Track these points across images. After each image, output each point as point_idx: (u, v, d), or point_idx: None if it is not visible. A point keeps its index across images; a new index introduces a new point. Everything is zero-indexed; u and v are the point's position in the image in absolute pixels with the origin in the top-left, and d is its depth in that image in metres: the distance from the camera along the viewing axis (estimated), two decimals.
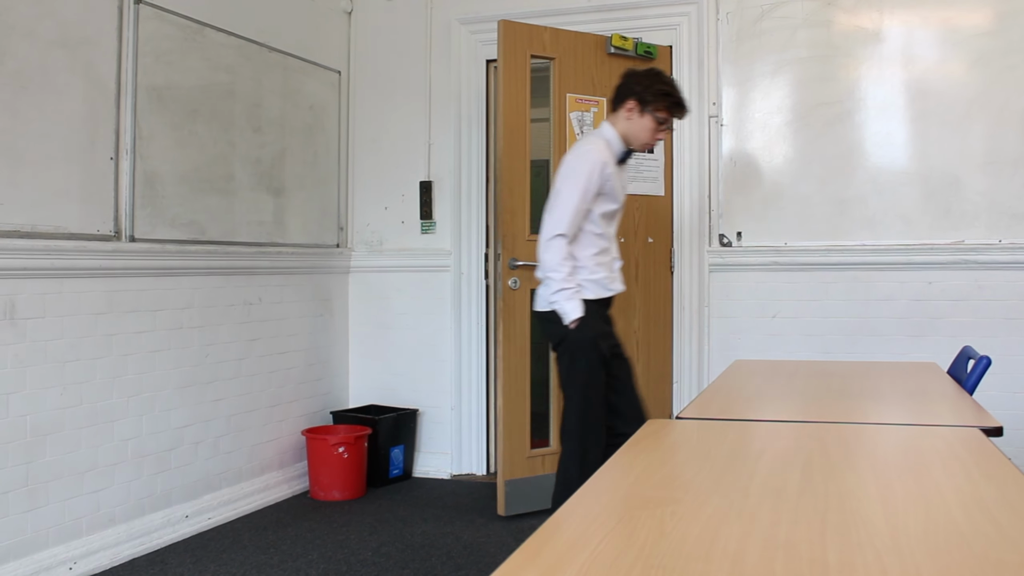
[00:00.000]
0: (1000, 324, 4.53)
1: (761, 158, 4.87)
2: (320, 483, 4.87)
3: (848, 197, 4.73)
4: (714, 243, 4.92)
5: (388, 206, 5.46)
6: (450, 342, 5.35)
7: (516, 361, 4.65)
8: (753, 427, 2.13)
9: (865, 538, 1.25)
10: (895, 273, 4.66)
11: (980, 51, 4.58)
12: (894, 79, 4.72)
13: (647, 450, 1.84)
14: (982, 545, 1.23)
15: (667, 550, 1.20)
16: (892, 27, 4.71)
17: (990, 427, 2.10)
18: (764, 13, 4.85)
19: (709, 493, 1.49)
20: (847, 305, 4.73)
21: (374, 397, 5.48)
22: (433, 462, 5.39)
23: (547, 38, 4.74)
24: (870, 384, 2.99)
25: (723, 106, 4.91)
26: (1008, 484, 1.56)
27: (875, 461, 1.77)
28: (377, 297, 5.49)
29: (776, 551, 1.20)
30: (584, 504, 1.42)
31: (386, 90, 5.48)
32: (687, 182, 4.96)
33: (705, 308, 4.93)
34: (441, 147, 5.36)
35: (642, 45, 4.91)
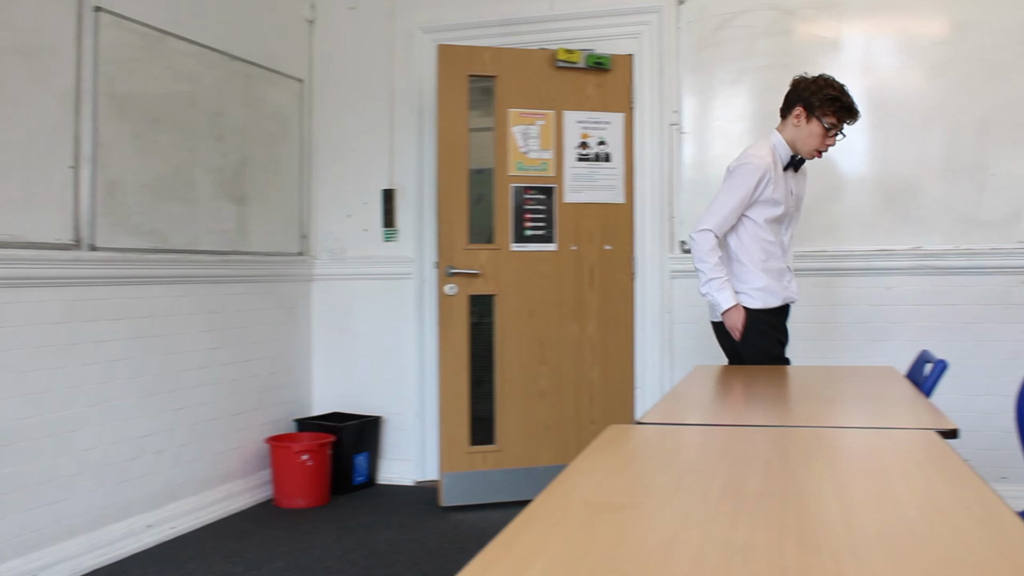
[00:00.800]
0: (957, 328, 4.61)
1: (722, 166, 4.86)
2: (284, 491, 4.85)
3: (807, 204, 4.76)
4: (676, 250, 4.96)
5: (351, 214, 5.46)
6: (413, 349, 5.35)
7: (454, 362, 4.89)
8: (714, 431, 2.15)
9: (823, 540, 1.26)
10: (854, 278, 4.72)
11: (937, 60, 4.66)
12: (853, 87, 4.71)
13: (608, 455, 1.85)
14: (937, 545, 1.25)
15: (627, 555, 1.21)
16: (851, 36, 4.77)
17: (946, 429, 2.13)
18: (725, 22, 4.90)
19: (669, 497, 1.51)
20: (807, 310, 4.77)
21: (338, 404, 5.47)
22: (397, 469, 5.39)
23: (488, 57, 4.91)
24: (829, 388, 3.03)
25: (684, 114, 4.95)
26: (963, 485, 1.58)
27: (833, 464, 1.79)
28: (340, 305, 5.48)
29: (735, 554, 1.21)
30: (544, 510, 1.43)
31: (349, 98, 5.48)
32: (648, 190, 5.00)
33: (667, 314, 4.97)
34: (404, 155, 5.37)
35: (592, 56, 4.94)
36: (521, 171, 4.97)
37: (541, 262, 4.98)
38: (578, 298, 5.02)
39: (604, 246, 5.02)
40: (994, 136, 4.59)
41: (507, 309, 4.95)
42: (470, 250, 4.92)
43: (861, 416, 2.55)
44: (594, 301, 5.01)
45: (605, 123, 5.02)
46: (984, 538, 1.28)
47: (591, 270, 5.00)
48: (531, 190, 4.98)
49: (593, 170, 4.99)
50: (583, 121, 5.02)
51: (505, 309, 4.95)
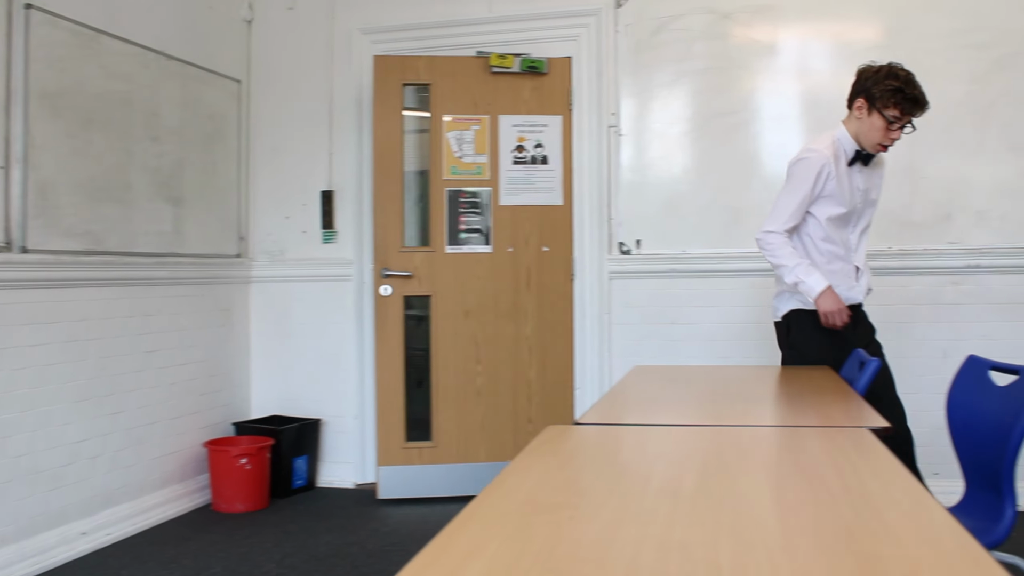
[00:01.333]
0: (890, 328, 4.68)
1: (660, 167, 4.96)
2: (222, 495, 4.80)
3: (744, 206, 4.85)
4: (614, 251, 4.99)
5: (289, 215, 5.41)
6: (353, 351, 5.32)
7: (390, 360, 5.08)
8: (651, 431, 2.17)
9: (757, 538, 1.28)
10: None
11: None
12: (789, 91, 4.85)
13: (546, 455, 1.86)
14: (870, 542, 1.27)
15: (563, 555, 1.22)
16: (786, 40, 4.84)
17: (879, 427, 2.17)
18: (662, 25, 4.95)
19: (606, 497, 1.52)
20: (744, 311, 4.84)
21: (277, 407, 5.43)
22: (337, 472, 5.36)
23: (422, 66, 5.05)
24: (765, 387, 3.07)
25: (622, 116, 4.99)
26: (895, 482, 1.61)
27: (768, 462, 1.82)
28: (279, 307, 5.43)
29: (671, 553, 1.22)
30: (482, 510, 1.43)
31: (287, 99, 5.43)
32: (586, 191, 5.03)
33: (606, 315, 5.00)
34: (343, 156, 5.34)
35: (526, 61, 4.98)
36: (455, 175, 5.09)
37: (476, 264, 5.08)
38: (515, 299, 5.07)
39: (542, 248, 5.06)
40: (923, 140, 4.67)
41: (443, 310, 5.08)
42: (405, 252, 5.08)
43: (796, 415, 2.58)
44: (531, 302, 5.07)
45: (542, 126, 5.06)
46: (915, 534, 1.31)
47: (528, 271, 5.06)
48: (466, 194, 5.08)
49: (530, 173, 5.04)
50: (519, 125, 5.07)
51: (441, 309, 5.08)
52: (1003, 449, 2.51)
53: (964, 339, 4.58)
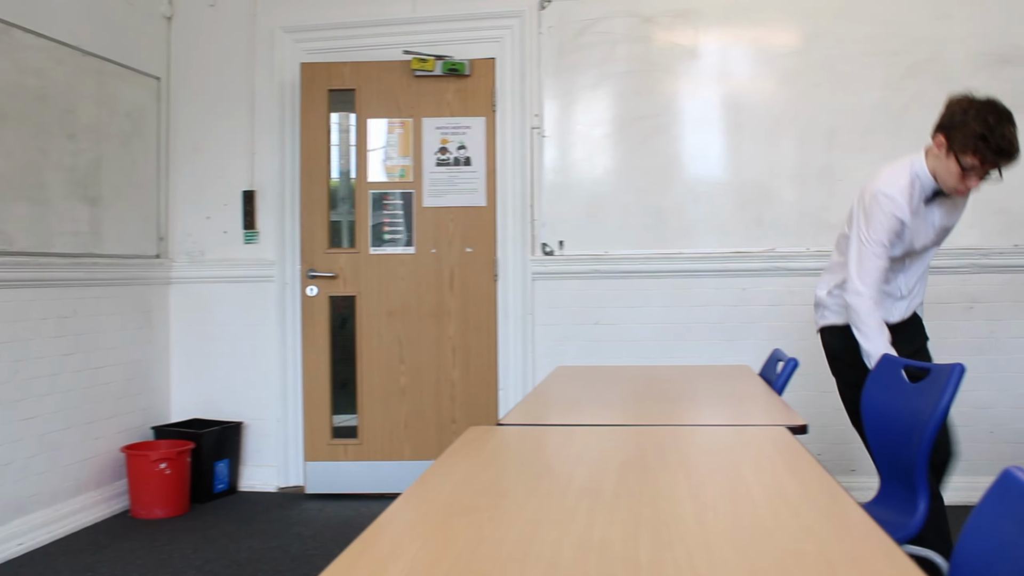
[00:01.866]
0: (808, 327, 4.75)
1: (583, 169, 4.99)
2: (141, 501, 4.70)
3: (666, 207, 4.90)
4: (537, 252, 5.01)
5: (210, 215, 5.33)
6: (275, 353, 5.26)
7: (316, 358, 5.18)
8: (573, 432, 2.18)
9: (676, 536, 1.29)
10: (711, 280, 4.86)
11: (788, 69, 4.83)
12: (709, 94, 4.92)
13: (467, 457, 1.86)
14: (785, 538, 1.29)
15: (484, 556, 1.22)
16: (707, 44, 4.91)
17: (796, 425, 2.21)
18: (585, 28, 4.98)
19: (527, 497, 1.52)
20: (666, 311, 4.89)
21: (198, 411, 5.34)
22: (259, 475, 5.29)
23: (347, 72, 5.14)
24: (687, 387, 3.10)
25: (545, 118, 5.01)
26: (810, 479, 1.64)
27: (688, 461, 1.84)
28: (199, 308, 5.35)
29: (591, 552, 1.23)
30: (403, 513, 1.43)
31: (208, 97, 5.35)
32: (509, 192, 5.05)
33: (529, 316, 5.02)
34: (264, 156, 5.27)
35: (447, 63, 4.99)
36: (379, 178, 5.16)
37: (400, 265, 5.15)
38: (438, 299, 5.11)
39: (465, 248, 5.08)
40: (840, 143, 4.79)
41: (367, 310, 5.15)
42: (330, 254, 5.14)
43: (716, 414, 2.62)
44: (455, 303, 5.10)
45: (465, 128, 5.07)
46: (829, 530, 1.33)
47: (451, 272, 5.10)
48: (389, 196, 5.14)
49: (453, 175, 5.06)
50: (442, 127, 5.10)
51: (365, 310, 5.15)
52: (915, 445, 2.58)
53: None
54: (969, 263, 4.68)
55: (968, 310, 4.72)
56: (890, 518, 2.57)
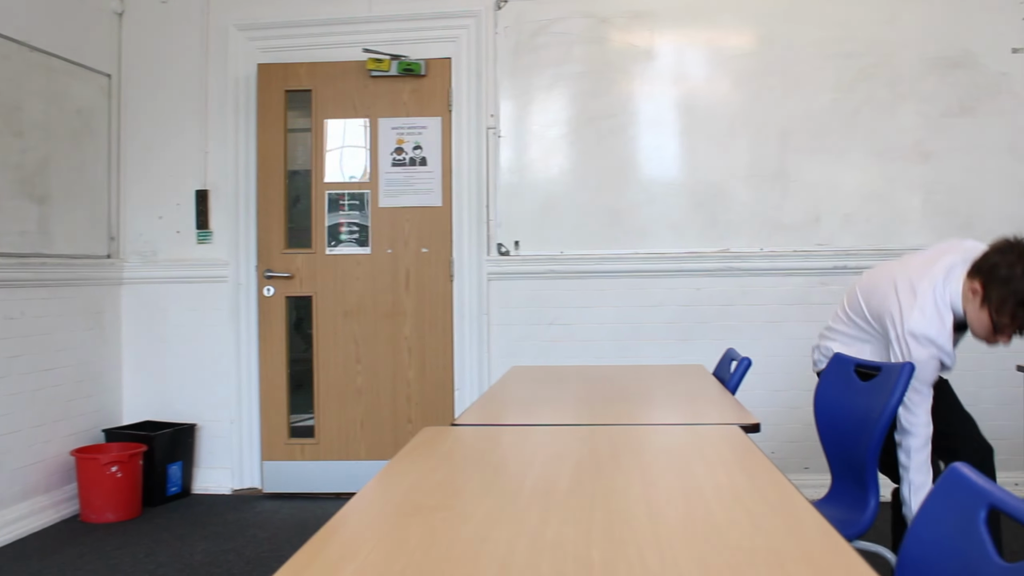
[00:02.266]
0: (762, 327, 4.82)
1: (538, 169, 5.00)
2: (91, 505, 4.64)
3: (621, 207, 4.92)
4: (492, 252, 5.01)
5: (163, 215, 5.27)
6: (229, 353, 5.21)
7: (273, 357, 5.20)
8: (528, 431, 2.18)
9: (628, 535, 1.30)
10: (666, 280, 4.88)
11: (742, 71, 4.87)
12: (664, 95, 4.94)
13: (422, 457, 1.85)
14: (736, 535, 1.30)
15: (437, 556, 1.21)
16: (663, 46, 4.93)
17: (749, 424, 2.22)
18: (541, 28, 4.98)
19: (481, 497, 1.52)
20: (620, 311, 4.91)
21: (150, 413, 5.27)
22: (213, 477, 5.24)
23: (303, 72, 5.18)
24: (641, 387, 3.11)
25: (501, 118, 5.01)
26: (761, 477, 1.65)
27: (641, 460, 1.84)
28: (151, 309, 5.28)
29: (543, 551, 1.23)
30: (356, 513, 1.42)
31: (160, 95, 5.28)
32: (465, 192, 5.04)
33: (485, 316, 5.01)
34: (218, 155, 5.22)
35: (403, 63, 4.99)
36: (336, 179, 5.15)
37: (356, 265, 5.15)
38: (394, 299, 5.11)
39: (421, 249, 5.08)
40: (794, 145, 4.84)
41: (324, 310, 5.16)
42: (287, 254, 5.15)
43: (669, 413, 2.63)
44: (411, 303, 5.10)
45: (421, 128, 5.07)
46: (780, 527, 1.34)
47: (407, 272, 5.11)
48: (346, 196, 5.15)
49: (409, 175, 5.06)
50: (398, 127, 5.09)
51: (322, 310, 5.16)
52: (866, 443, 2.60)
53: None
54: None
55: None
56: (841, 515, 2.60)
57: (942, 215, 4.75)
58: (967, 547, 1.30)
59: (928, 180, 4.76)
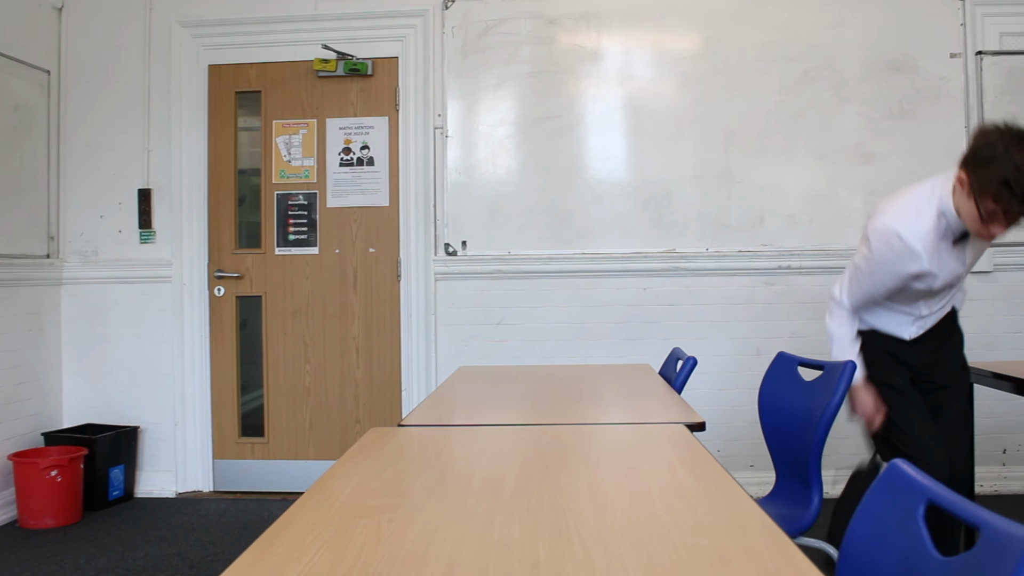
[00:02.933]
0: (707, 326, 4.86)
1: (486, 169, 4.99)
2: (30, 510, 4.55)
3: (568, 207, 4.93)
4: (440, 252, 5.00)
5: (104, 214, 5.18)
6: (173, 355, 5.14)
7: (224, 357, 5.21)
8: (474, 432, 2.18)
9: (574, 534, 1.30)
10: (613, 280, 4.90)
11: (688, 73, 4.91)
12: (611, 96, 4.96)
13: (368, 458, 1.84)
14: (680, 532, 1.31)
15: (383, 557, 1.21)
16: (610, 47, 4.95)
17: (694, 423, 2.24)
18: (488, 28, 4.98)
19: (427, 498, 1.52)
20: (568, 311, 4.92)
21: (92, 415, 5.19)
22: (157, 481, 5.16)
23: (253, 74, 5.21)
24: (588, 386, 3.12)
25: (448, 118, 4.99)
26: (706, 475, 1.67)
27: (588, 460, 1.84)
28: (93, 310, 5.19)
29: (490, 551, 1.23)
30: (302, 515, 1.41)
31: (101, 92, 5.20)
32: (413, 192, 5.02)
33: (432, 316, 5.00)
34: (161, 154, 5.15)
35: (349, 63, 4.98)
36: (284, 179, 5.16)
37: (304, 265, 5.15)
38: (342, 299, 5.11)
39: (369, 248, 5.07)
40: (739, 146, 4.88)
41: (273, 309, 5.17)
42: (237, 254, 5.19)
43: (616, 413, 2.64)
44: (359, 302, 5.10)
45: (368, 127, 5.06)
46: (724, 524, 1.35)
47: (355, 272, 5.11)
48: (294, 196, 5.15)
49: (356, 175, 5.05)
50: (346, 127, 5.09)
51: (271, 309, 5.16)
52: (810, 440, 2.63)
53: (776, 336, 4.80)
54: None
55: None
56: (785, 512, 2.63)
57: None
58: (906, 542, 1.32)
59: (869, 181, 4.83)
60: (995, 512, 1.15)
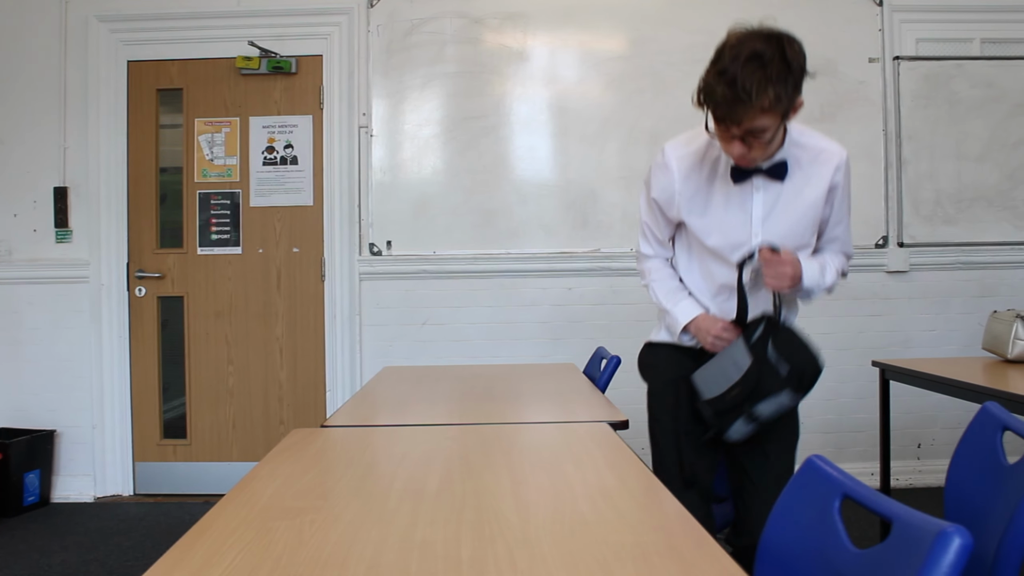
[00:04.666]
0: (631, 326, 4.90)
1: (411, 169, 4.98)
2: None
3: (494, 207, 4.94)
4: (364, 252, 4.97)
5: (18, 213, 5.05)
6: (91, 357, 5.04)
7: (144, 358, 5.13)
8: (397, 432, 2.18)
9: (497, 532, 1.31)
10: (538, 280, 4.92)
11: (613, 74, 4.95)
12: (537, 96, 4.98)
13: (290, 460, 1.83)
14: (603, 530, 1.32)
15: (304, 559, 1.20)
16: (536, 47, 4.97)
17: (617, 421, 2.26)
18: (414, 27, 4.97)
19: (350, 499, 1.51)
20: (493, 311, 4.93)
21: (5, 419, 5.05)
22: (74, 485, 5.05)
23: (175, 71, 5.14)
24: (513, 386, 3.14)
25: (373, 117, 4.97)
26: (629, 473, 1.68)
27: (512, 459, 1.85)
28: (6, 311, 5.06)
29: (412, 552, 1.23)
30: (222, 518, 1.39)
31: (14, 87, 5.06)
32: (337, 191, 4.99)
33: (357, 316, 4.97)
34: (78, 151, 5.03)
35: (272, 61, 4.95)
36: (207, 178, 5.10)
37: (227, 265, 5.09)
38: (266, 300, 5.07)
39: (292, 248, 5.03)
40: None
41: (195, 310, 5.11)
42: (159, 254, 5.13)
43: (541, 412, 2.66)
44: (282, 303, 5.06)
45: (292, 126, 5.01)
46: (647, 522, 1.37)
47: (278, 272, 5.07)
48: (217, 195, 5.09)
49: (280, 174, 5.01)
50: (269, 126, 5.04)
51: (193, 310, 5.11)
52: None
53: None
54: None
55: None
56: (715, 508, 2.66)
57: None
58: (823, 536, 1.35)
59: None
60: (908, 506, 1.18)
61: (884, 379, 3.58)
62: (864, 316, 4.98)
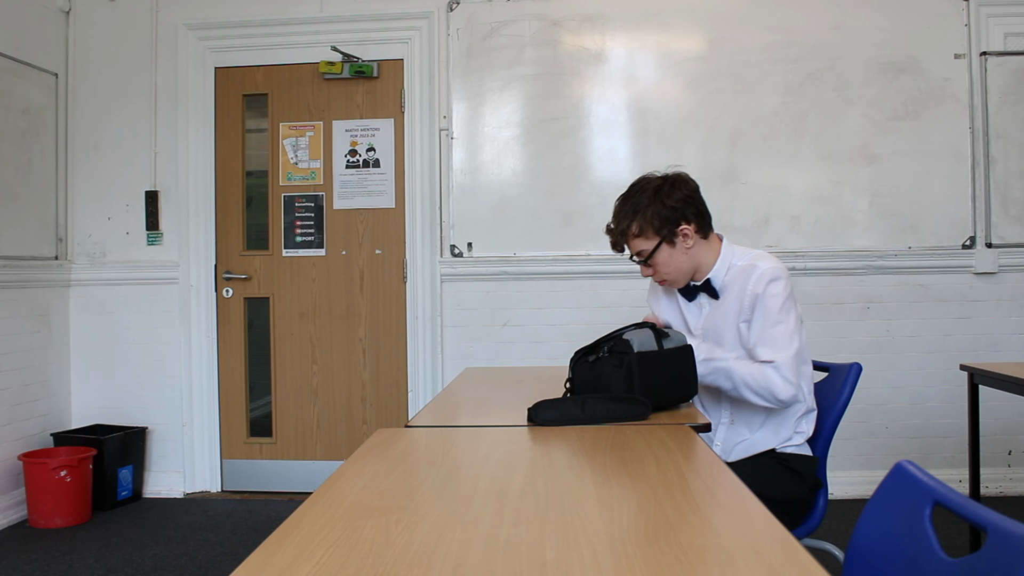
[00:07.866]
0: None
1: (491, 171, 5.01)
2: (40, 510, 4.58)
3: (574, 209, 4.95)
4: (446, 254, 5.01)
5: (112, 216, 5.21)
6: (180, 356, 5.17)
7: (232, 359, 5.27)
8: (481, 432, 2.19)
9: (581, 534, 1.31)
10: (618, 281, 4.91)
11: (692, 74, 4.91)
12: (616, 98, 4.97)
13: (375, 459, 1.86)
14: (688, 533, 1.31)
15: (391, 558, 1.22)
16: (614, 49, 4.96)
17: (699, 424, 2.25)
18: (493, 30, 5.00)
19: (434, 499, 1.53)
20: (573, 312, 4.93)
21: (100, 416, 5.21)
22: (165, 481, 5.19)
23: (260, 77, 5.26)
24: None
25: (454, 119, 5.01)
26: (712, 476, 1.67)
27: (594, 460, 1.85)
28: (101, 312, 5.22)
29: (497, 552, 1.24)
30: (309, 516, 1.42)
31: (109, 95, 5.22)
32: (418, 194, 5.04)
33: (438, 317, 5.02)
34: (168, 156, 5.18)
35: (354, 66, 5.02)
36: (291, 181, 5.20)
37: (311, 267, 5.18)
38: (348, 301, 5.14)
39: (375, 250, 5.09)
40: (743, 148, 4.89)
41: (280, 311, 5.21)
42: (245, 256, 5.27)
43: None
44: (365, 304, 5.12)
45: (374, 129, 5.08)
46: (730, 525, 1.37)
47: (361, 274, 5.13)
48: (301, 199, 5.19)
49: (362, 176, 5.08)
50: (352, 129, 5.12)
51: (279, 311, 5.21)
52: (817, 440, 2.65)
53: None
54: (866, 264, 4.82)
55: (865, 310, 4.86)
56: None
57: (887, 217, 4.82)
58: (913, 543, 1.33)
59: (874, 183, 4.84)
60: (1001, 513, 1.16)
61: (973, 383, 3.48)
62: (951, 319, 4.87)
